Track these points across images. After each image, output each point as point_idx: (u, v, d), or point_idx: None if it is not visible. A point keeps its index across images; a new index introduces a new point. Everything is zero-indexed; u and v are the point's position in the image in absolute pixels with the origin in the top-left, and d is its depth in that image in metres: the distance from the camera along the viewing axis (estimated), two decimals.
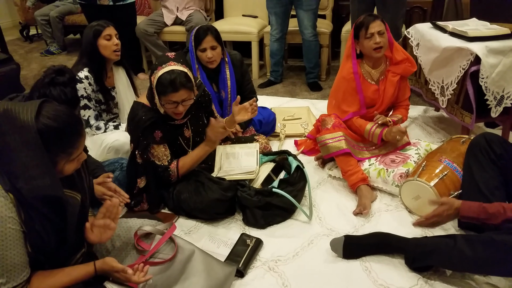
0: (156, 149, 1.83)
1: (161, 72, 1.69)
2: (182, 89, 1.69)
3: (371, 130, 2.10)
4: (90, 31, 2.14)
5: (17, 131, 1.06)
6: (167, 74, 1.67)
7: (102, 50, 2.15)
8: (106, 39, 2.15)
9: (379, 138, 2.10)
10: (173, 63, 1.72)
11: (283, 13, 3.44)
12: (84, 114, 2.16)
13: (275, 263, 1.68)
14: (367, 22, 2.03)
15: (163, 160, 1.86)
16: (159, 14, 3.95)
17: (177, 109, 1.75)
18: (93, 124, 2.20)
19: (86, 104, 2.15)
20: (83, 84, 2.11)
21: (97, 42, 2.13)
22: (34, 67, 4.59)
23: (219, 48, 2.28)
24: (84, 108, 2.15)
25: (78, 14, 4.91)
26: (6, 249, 1.08)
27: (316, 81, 3.68)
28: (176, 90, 1.68)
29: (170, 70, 1.68)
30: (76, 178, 1.28)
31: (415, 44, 2.60)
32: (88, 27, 2.18)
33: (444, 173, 1.83)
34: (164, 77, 1.68)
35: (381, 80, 2.18)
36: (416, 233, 1.78)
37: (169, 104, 1.73)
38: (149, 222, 1.59)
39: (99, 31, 2.14)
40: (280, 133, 2.68)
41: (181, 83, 1.68)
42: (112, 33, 2.17)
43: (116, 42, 2.17)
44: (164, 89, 1.68)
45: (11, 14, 6.51)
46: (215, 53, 2.26)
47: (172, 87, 1.67)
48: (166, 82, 1.67)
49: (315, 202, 2.04)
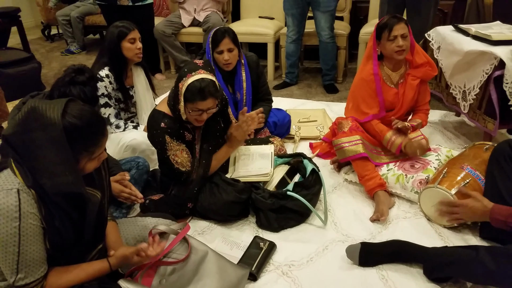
0: (179, 156, 1.83)
1: (191, 79, 1.69)
2: (210, 98, 1.70)
3: (391, 139, 2.06)
4: (115, 31, 2.15)
5: (43, 128, 1.07)
6: (197, 82, 1.68)
7: (125, 52, 2.17)
8: (130, 42, 2.17)
9: (398, 149, 2.05)
10: (203, 71, 1.72)
11: (300, 15, 3.42)
12: (105, 112, 2.18)
13: (289, 268, 1.65)
14: (391, 24, 1.99)
15: (187, 166, 1.85)
16: (177, 16, 3.97)
17: (201, 116, 1.76)
18: (113, 122, 2.21)
19: (107, 102, 2.17)
20: (103, 83, 2.12)
21: (121, 44, 2.15)
22: (54, 66, 4.66)
23: (236, 50, 2.27)
24: (105, 106, 2.17)
25: (98, 14, 4.97)
26: (27, 244, 1.10)
27: (332, 83, 3.64)
28: (204, 98, 1.69)
29: (200, 78, 1.69)
30: (96, 176, 1.30)
31: (436, 47, 2.54)
32: (113, 27, 2.18)
33: (466, 181, 1.77)
34: (194, 84, 1.68)
35: (400, 84, 2.13)
36: (436, 243, 1.73)
37: (194, 111, 1.73)
38: (164, 221, 1.59)
39: (124, 33, 2.15)
40: (295, 136, 2.66)
41: (209, 92, 1.69)
42: (136, 36, 2.19)
43: (139, 46, 2.20)
44: (193, 97, 1.69)
45: (34, 14, 6.65)
46: (232, 55, 2.25)
47: (201, 95, 1.68)
48: (195, 90, 1.68)
49: (330, 207, 2.01)
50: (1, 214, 1.07)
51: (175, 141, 1.81)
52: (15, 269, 1.11)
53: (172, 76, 4.18)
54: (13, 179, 1.10)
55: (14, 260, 1.10)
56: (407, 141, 2.02)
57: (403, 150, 2.04)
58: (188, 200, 1.88)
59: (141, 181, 2.04)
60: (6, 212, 1.07)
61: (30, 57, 3.78)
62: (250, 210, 1.96)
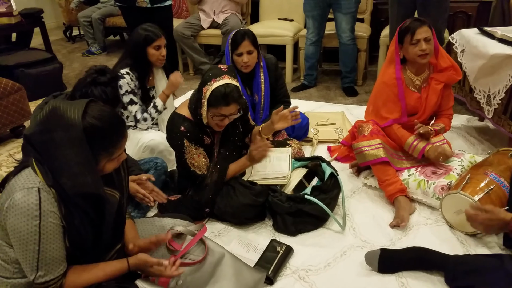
0: (196, 160, 1.83)
1: (216, 84, 1.69)
2: (233, 103, 1.71)
3: (412, 143, 2.01)
4: (143, 34, 2.15)
5: (63, 128, 1.08)
6: (222, 88, 1.68)
7: (149, 57, 2.19)
8: (155, 49, 2.18)
9: (420, 154, 2.00)
10: (227, 77, 1.72)
11: (321, 16, 3.39)
12: (131, 110, 2.19)
13: (306, 273, 1.63)
14: (414, 28, 1.94)
15: (203, 169, 1.85)
16: (196, 18, 4.00)
17: (223, 122, 1.76)
18: (140, 118, 2.22)
19: (132, 99, 2.18)
20: (125, 79, 2.14)
21: (146, 49, 2.16)
22: (75, 67, 4.75)
23: (255, 52, 2.26)
24: (130, 104, 2.19)
25: (119, 16, 5.05)
26: (47, 242, 1.11)
27: (352, 86, 3.60)
28: (228, 104, 1.69)
29: (225, 84, 1.69)
30: (115, 177, 1.31)
31: (459, 50, 2.48)
32: (141, 29, 2.18)
33: (490, 187, 1.72)
34: (219, 90, 1.68)
35: (423, 88, 2.09)
36: (458, 250, 1.68)
37: (217, 116, 1.74)
38: (181, 222, 1.59)
39: (151, 39, 2.15)
40: (313, 138, 2.63)
41: (233, 98, 1.69)
42: (162, 43, 2.20)
43: (163, 53, 2.21)
44: (217, 102, 1.69)
45: (56, 15, 6.79)
46: (251, 57, 2.25)
47: (225, 101, 1.68)
48: (220, 95, 1.68)
49: (349, 212, 1.97)
50: (22, 212, 1.08)
51: (194, 145, 1.81)
52: (35, 266, 1.12)
53: (190, 78, 4.21)
54: (34, 178, 1.11)
55: (34, 257, 1.11)
56: (430, 146, 1.98)
57: (425, 155, 1.99)
58: (205, 205, 1.89)
59: (159, 181, 2.06)
60: (27, 211, 1.08)
61: (52, 58, 3.85)
62: (267, 213, 1.94)
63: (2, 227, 1.13)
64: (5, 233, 1.14)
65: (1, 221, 1.13)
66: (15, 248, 1.12)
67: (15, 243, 1.11)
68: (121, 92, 2.13)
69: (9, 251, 1.16)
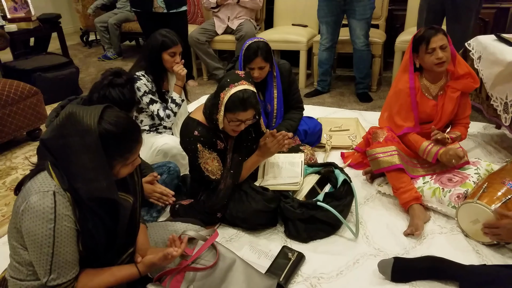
0: (210, 164, 1.84)
1: (234, 89, 1.70)
2: (251, 109, 1.71)
3: (427, 148, 1.99)
4: (160, 39, 2.17)
5: (79, 134, 1.10)
6: (240, 93, 1.69)
7: (164, 62, 2.21)
8: (170, 55, 2.19)
9: (434, 157, 1.97)
10: (245, 82, 1.73)
11: (335, 22, 3.38)
12: (153, 109, 2.21)
13: (318, 280, 1.61)
14: (428, 36, 1.91)
15: (217, 174, 1.86)
16: (211, 23, 4.03)
17: (239, 127, 1.76)
18: (163, 115, 2.23)
19: (152, 99, 2.20)
20: (142, 81, 2.16)
21: (161, 54, 2.18)
22: (91, 71, 4.82)
23: (267, 66, 2.26)
24: (151, 103, 2.20)
25: (135, 21, 5.12)
26: (60, 246, 1.12)
27: (366, 92, 3.57)
28: (246, 109, 1.70)
29: (243, 89, 1.70)
30: (129, 181, 1.32)
31: (476, 57, 2.44)
32: (158, 34, 2.20)
33: (508, 197, 1.68)
34: (237, 95, 1.68)
35: (440, 96, 2.06)
36: (473, 260, 1.65)
37: (233, 121, 1.74)
38: (193, 227, 1.60)
39: (167, 46, 2.17)
40: (326, 144, 2.61)
41: (251, 103, 1.70)
42: (178, 51, 2.21)
43: (177, 60, 2.22)
44: (235, 107, 1.69)
45: (73, 20, 6.92)
46: (262, 72, 2.25)
47: (243, 106, 1.69)
48: (238, 100, 1.68)
49: (362, 219, 1.95)
50: (37, 215, 1.09)
51: (207, 149, 1.82)
52: (48, 269, 1.13)
53: (204, 83, 4.23)
54: (50, 182, 1.13)
55: (48, 260, 1.12)
56: (443, 149, 1.95)
57: (439, 159, 1.96)
58: (218, 210, 1.88)
59: (172, 185, 2.06)
60: (42, 214, 1.09)
61: (69, 62, 3.92)
62: (279, 219, 1.93)
63: (18, 229, 1.15)
64: (20, 236, 1.15)
65: (17, 224, 1.15)
66: (29, 250, 1.14)
67: (30, 246, 1.13)
68: (139, 94, 2.15)
69: (23, 253, 1.18)
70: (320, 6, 3.40)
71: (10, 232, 1.20)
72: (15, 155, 2.81)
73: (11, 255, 1.23)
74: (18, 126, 2.83)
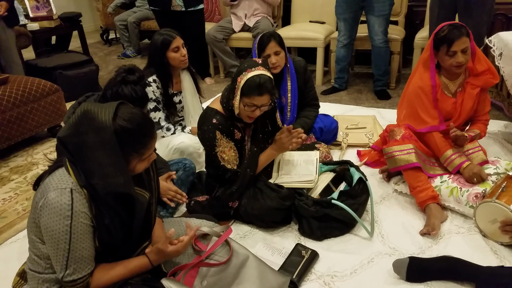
0: (226, 153, 1.85)
1: (251, 74, 1.72)
2: (266, 94, 1.73)
3: (450, 157, 1.94)
4: (159, 39, 2.19)
5: (95, 131, 1.12)
6: (257, 77, 1.71)
7: (171, 61, 2.22)
8: (174, 51, 2.20)
9: (456, 169, 1.93)
10: (262, 68, 1.75)
11: (353, 19, 3.35)
12: (155, 117, 2.24)
13: (331, 279, 1.60)
14: (452, 39, 1.85)
15: (233, 164, 1.87)
16: (228, 21, 4.04)
17: (254, 113, 1.77)
18: (164, 125, 2.27)
19: (156, 106, 2.23)
20: (151, 88, 2.18)
21: (166, 54, 2.20)
22: (111, 69, 4.90)
23: (282, 53, 2.26)
24: (154, 110, 2.23)
25: (153, 20, 5.16)
26: (77, 242, 1.15)
27: (384, 89, 3.52)
28: (261, 94, 1.71)
29: (260, 74, 1.72)
30: (145, 177, 1.34)
31: (497, 54, 2.37)
32: (157, 34, 2.23)
33: None
34: (253, 79, 1.71)
35: (458, 92, 2.01)
36: (491, 261, 1.61)
37: (248, 106, 1.75)
38: (207, 223, 1.61)
39: (168, 42, 2.18)
40: (342, 142, 2.59)
41: (266, 88, 1.71)
42: (179, 44, 2.22)
43: (183, 53, 2.23)
44: (251, 91, 1.71)
45: (94, 19, 7.05)
46: (279, 58, 2.24)
47: (258, 90, 1.70)
48: (254, 84, 1.70)
49: (377, 218, 1.93)
50: (55, 212, 1.12)
51: (225, 137, 1.83)
52: (64, 265, 1.16)
53: (221, 81, 4.25)
54: (67, 179, 1.15)
55: (64, 256, 1.15)
56: (467, 164, 1.90)
57: (461, 171, 1.92)
58: (233, 200, 1.89)
59: (187, 182, 2.09)
60: (59, 211, 1.12)
61: (89, 60, 4.00)
62: (293, 217, 1.93)
63: (36, 224, 1.18)
64: (38, 230, 1.19)
65: (35, 218, 1.18)
66: (47, 245, 1.17)
67: (47, 241, 1.16)
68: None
69: (42, 247, 1.21)
70: (338, 2, 3.37)
71: (30, 226, 1.23)
72: (36, 151, 2.88)
73: (30, 248, 1.26)
74: (39, 123, 2.90)
